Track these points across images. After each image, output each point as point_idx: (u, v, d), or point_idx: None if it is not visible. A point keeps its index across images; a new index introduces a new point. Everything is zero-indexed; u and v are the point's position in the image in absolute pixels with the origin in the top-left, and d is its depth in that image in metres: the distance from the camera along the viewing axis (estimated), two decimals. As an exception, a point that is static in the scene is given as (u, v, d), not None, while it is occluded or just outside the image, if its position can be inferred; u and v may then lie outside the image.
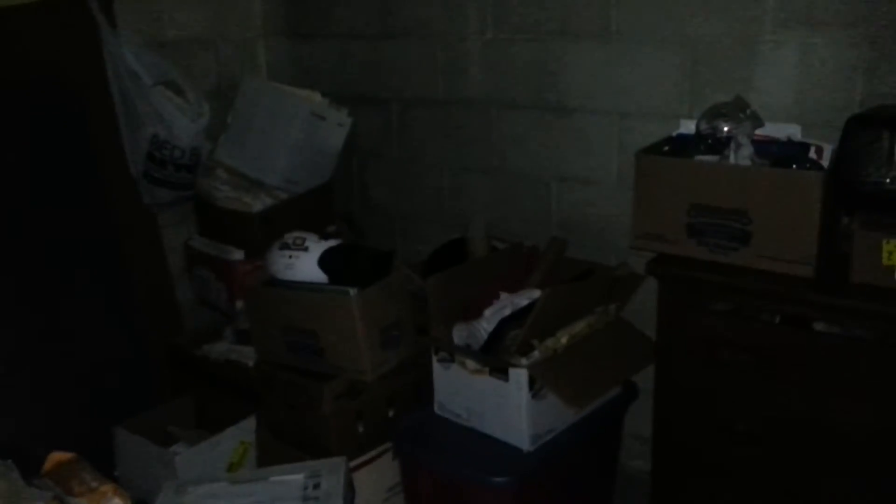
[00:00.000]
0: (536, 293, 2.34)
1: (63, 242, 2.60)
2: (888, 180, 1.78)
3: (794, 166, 1.88)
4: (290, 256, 2.41)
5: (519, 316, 2.26)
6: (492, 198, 2.87)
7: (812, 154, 1.93)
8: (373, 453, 2.44)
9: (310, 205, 2.96)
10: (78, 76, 2.59)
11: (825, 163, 1.92)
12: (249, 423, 2.59)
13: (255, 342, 2.58)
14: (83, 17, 2.58)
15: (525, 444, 2.19)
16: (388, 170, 3.15)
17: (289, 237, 2.46)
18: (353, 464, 2.32)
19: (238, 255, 2.85)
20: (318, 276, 2.39)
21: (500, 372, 2.17)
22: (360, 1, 3.03)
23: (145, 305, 2.77)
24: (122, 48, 2.64)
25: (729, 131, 1.99)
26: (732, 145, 1.95)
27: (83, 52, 2.59)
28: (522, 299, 2.34)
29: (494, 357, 2.20)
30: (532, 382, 2.13)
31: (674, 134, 2.24)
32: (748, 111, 2.02)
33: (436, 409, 2.39)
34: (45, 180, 2.57)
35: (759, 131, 2.01)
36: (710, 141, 2.04)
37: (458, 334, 2.33)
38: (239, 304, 2.80)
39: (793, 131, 2.02)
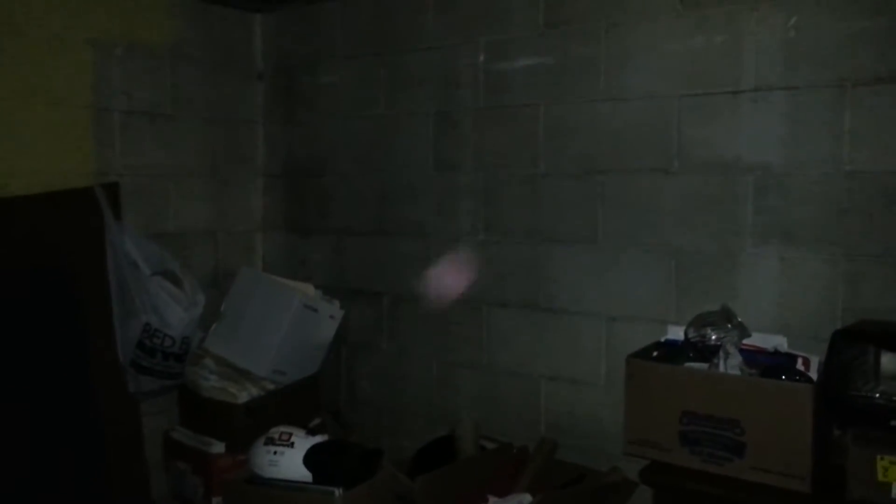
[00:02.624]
0: (526, 498, 2.28)
1: (42, 428, 2.52)
2: (877, 395, 1.80)
3: (784, 377, 1.90)
4: (276, 452, 2.34)
5: (509, 523, 2.18)
6: (480, 394, 2.86)
7: (800, 365, 1.97)
8: None
9: (296, 397, 2.93)
10: (79, 264, 2.64)
11: (813, 374, 1.95)
12: None
13: (231, 544, 2.46)
14: (90, 209, 2.68)
15: None
16: (377, 363, 3.15)
17: (274, 432, 2.41)
18: None
19: (219, 447, 2.78)
20: (303, 473, 2.31)
21: (490, 585, 2.06)
22: (356, 201, 3.18)
23: (118, 499, 2.64)
24: (124, 239, 2.71)
25: (717, 340, 2.04)
26: (721, 354, 1.99)
27: (86, 241, 2.66)
28: (512, 505, 2.27)
29: (483, 568, 2.10)
30: None
31: (662, 339, 2.28)
32: (735, 321, 2.07)
33: None
34: (29, 365, 2.54)
35: (746, 341, 2.06)
36: (699, 348, 2.07)
37: (445, 541, 2.23)
38: (215, 500, 2.69)
39: (779, 342, 2.07)
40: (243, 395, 2.81)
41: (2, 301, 2.49)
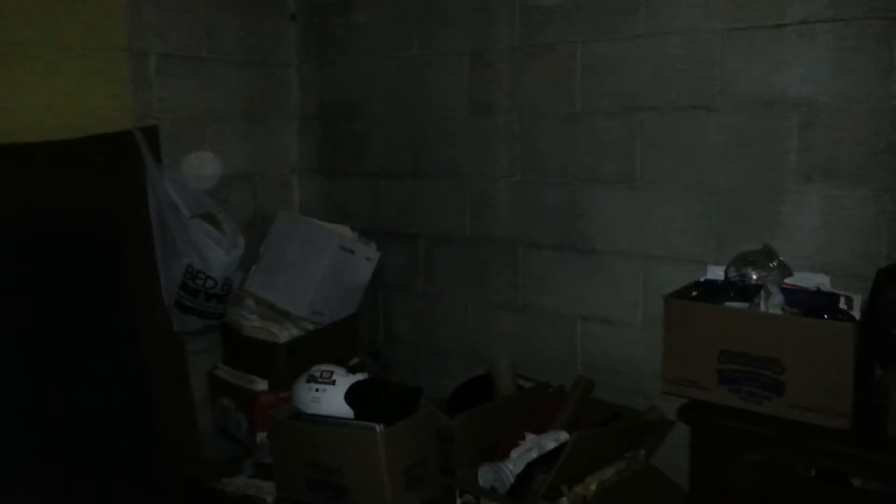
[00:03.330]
0: (563, 435, 2.31)
1: (90, 366, 2.61)
2: (921, 333, 1.78)
3: (826, 316, 1.89)
4: (317, 390, 2.40)
5: (546, 459, 2.22)
6: (516, 334, 2.89)
7: (842, 304, 1.95)
8: None
9: (335, 337, 2.98)
10: (121, 207, 2.68)
11: (856, 313, 1.93)
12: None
13: (277, 477, 2.53)
14: (130, 152, 2.71)
15: None
16: (413, 304, 3.18)
17: (316, 370, 2.46)
18: None
19: (262, 385, 2.85)
20: (345, 410, 2.37)
21: (528, 518, 2.11)
22: (391, 143, 3.18)
23: (165, 434, 2.74)
24: (164, 182, 2.74)
25: (758, 279, 2.02)
26: (762, 293, 1.98)
27: (127, 184, 2.70)
28: (549, 441, 2.30)
29: (522, 502, 2.14)
30: (561, 530, 2.06)
31: (702, 279, 2.27)
32: (777, 260, 2.06)
33: (459, 554, 2.31)
34: (78, 305, 2.61)
35: (787, 280, 2.04)
36: (739, 288, 2.06)
37: (484, 476, 2.28)
38: (259, 436, 2.77)
39: (822, 281, 2.05)
40: (284, 334, 2.86)
41: (49, 244, 2.54)
